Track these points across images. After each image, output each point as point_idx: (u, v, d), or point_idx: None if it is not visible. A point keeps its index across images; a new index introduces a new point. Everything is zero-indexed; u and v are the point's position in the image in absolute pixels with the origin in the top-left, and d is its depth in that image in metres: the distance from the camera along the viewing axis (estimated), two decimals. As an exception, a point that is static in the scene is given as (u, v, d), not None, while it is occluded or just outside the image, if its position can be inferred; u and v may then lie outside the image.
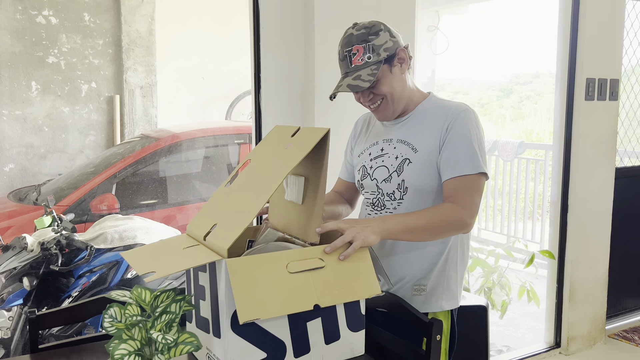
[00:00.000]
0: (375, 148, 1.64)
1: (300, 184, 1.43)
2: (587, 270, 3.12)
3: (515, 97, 11.91)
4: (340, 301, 1.28)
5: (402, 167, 1.55)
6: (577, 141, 2.99)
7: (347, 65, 1.53)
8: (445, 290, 1.61)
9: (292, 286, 1.21)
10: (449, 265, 1.61)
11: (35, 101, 4.73)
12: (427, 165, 1.53)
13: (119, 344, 1.11)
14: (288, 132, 1.43)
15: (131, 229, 2.77)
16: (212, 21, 5.35)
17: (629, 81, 3.50)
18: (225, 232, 1.25)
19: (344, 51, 1.53)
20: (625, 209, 3.35)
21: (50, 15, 4.75)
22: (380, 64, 1.50)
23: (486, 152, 1.56)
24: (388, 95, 1.54)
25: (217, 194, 1.44)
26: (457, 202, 1.47)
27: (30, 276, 2.48)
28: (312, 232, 1.36)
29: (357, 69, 1.50)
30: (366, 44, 1.50)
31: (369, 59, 1.50)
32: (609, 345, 3.25)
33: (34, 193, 3.60)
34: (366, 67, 1.50)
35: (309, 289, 1.22)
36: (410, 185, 1.54)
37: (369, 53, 1.50)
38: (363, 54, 1.50)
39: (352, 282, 1.29)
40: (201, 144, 3.96)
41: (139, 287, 1.19)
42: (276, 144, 1.44)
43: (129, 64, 5.09)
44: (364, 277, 1.31)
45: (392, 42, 1.53)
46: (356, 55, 1.51)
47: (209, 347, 1.28)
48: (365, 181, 1.65)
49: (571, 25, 2.92)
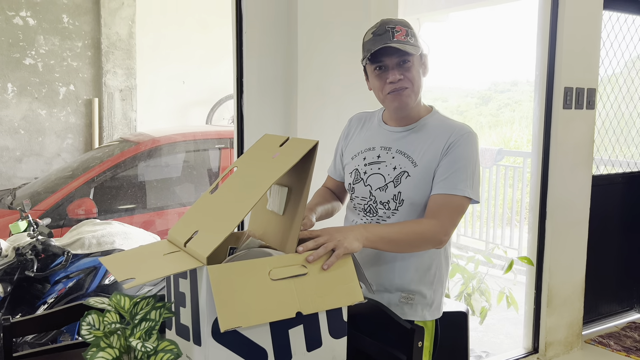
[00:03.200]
0: (372, 154, 1.63)
1: (283, 194, 1.42)
2: (564, 276, 3.17)
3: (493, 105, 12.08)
4: (323, 308, 1.27)
5: (399, 179, 1.55)
6: (555, 148, 3.03)
7: (389, 37, 1.48)
8: (429, 301, 1.62)
9: (274, 293, 1.20)
10: (436, 276, 1.62)
11: (11, 103, 4.65)
12: (424, 180, 1.53)
13: (96, 352, 1.09)
14: (277, 142, 1.42)
15: (109, 234, 2.73)
16: (193, 25, 5.32)
17: (605, 90, 3.57)
18: (207, 239, 1.24)
19: (386, 27, 1.50)
20: (602, 215, 3.41)
21: (28, 17, 4.68)
22: (419, 49, 1.50)
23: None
24: (414, 84, 1.52)
25: (201, 201, 1.43)
26: (437, 219, 1.48)
27: (4, 282, 2.42)
28: (289, 244, 1.34)
29: (400, 42, 1.48)
30: (408, 29, 1.50)
31: (410, 39, 1.49)
32: (585, 350, 3.30)
33: (9, 197, 3.53)
34: (408, 44, 1.48)
35: (291, 296, 1.21)
36: (406, 198, 1.55)
37: (410, 37, 1.50)
38: (405, 34, 1.49)
39: (334, 289, 1.28)
40: (181, 148, 3.93)
41: (118, 294, 1.17)
42: (263, 153, 1.43)
43: (109, 66, 5.03)
44: (347, 283, 1.30)
45: (423, 45, 1.54)
46: (399, 32, 1.48)
47: (189, 354, 1.26)
48: (357, 185, 1.64)
49: (549, 35, 2.97)
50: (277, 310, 1.19)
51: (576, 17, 2.99)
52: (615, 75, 3.59)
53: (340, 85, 2.27)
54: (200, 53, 5.33)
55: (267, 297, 1.19)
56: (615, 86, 3.65)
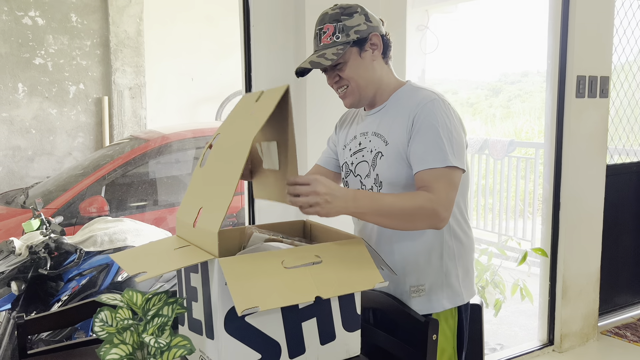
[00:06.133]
0: (354, 143, 1.60)
1: (274, 149, 1.39)
2: (579, 267, 3.13)
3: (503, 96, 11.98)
4: (343, 292, 1.24)
5: (375, 161, 1.52)
6: (568, 138, 2.99)
7: (317, 44, 1.51)
8: (445, 288, 1.55)
9: (290, 280, 1.18)
10: (446, 260, 1.54)
11: (22, 103, 4.67)
12: (397, 158, 1.47)
13: (110, 348, 1.09)
14: (252, 99, 1.39)
15: (121, 231, 2.73)
16: (201, 21, 5.31)
17: (618, 78, 3.51)
18: (212, 215, 1.22)
19: (316, 29, 1.51)
20: (616, 205, 3.37)
21: (36, 16, 4.69)
22: (347, 45, 1.46)
23: (464, 143, 1.47)
24: (352, 81, 1.49)
25: (195, 176, 1.41)
26: (431, 192, 1.38)
27: (18, 280, 2.43)
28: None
29: (325, 47, 1.47)
30: (337, 23, 1.47)
31: (337, 38, 1.47)
32: (601, 342, 3.26)
33: (22, 196, 3.55)
34: (333, 46, 1.46)
35: (308, 282, 1.19)
36: (384, 179, 1.50)
37: (338, 33, 1.47)
38: (332, 33, 1.47)
39: (352, 275, 1.26)
40: (191, 144, 3.93)
41: (130, 290, 1.16)
42: (242, 113, 1.40)
43: (118, 65, 5.04)
44: (364, 269, 1.28)
45: (365, 26, 1.48)
46: (326, 33, 1.48)
47: (202, 349, 1.26)
48: (349, 178, 1.61)
49: (561, 23, 2.93)
50: (295, 294, 1.17)
51: (588, 4, 2.94)
52: (629, 62, 3.53)
53: (350, 77, 2.25)
54: (208, 49, 5.33)
55: (283, 283, 1.17)
56: (629, 74, 3.59)
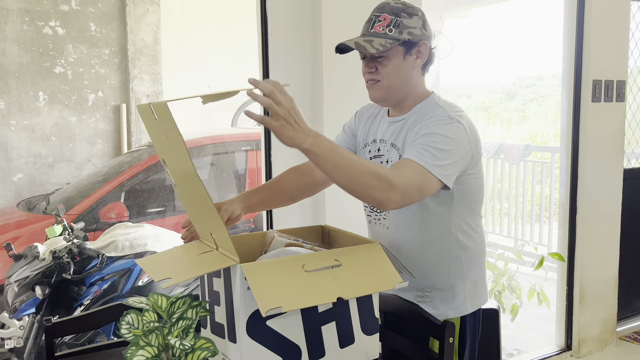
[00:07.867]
0: (374, 147, 1.59)
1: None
2: (597, 271, 3.11)
3: (518, 100, 11.90)
4: (364, 293, 1.27)
5: None
6: (584, 143, 2.98)
7: (367, 28, 1.47)
8: (450, 299, 1.54)
9: (312, 282, 1.20)
10: (453, 273, 1.53)
11: (43, 111, 4.76)
12: None
13: (136, 350, 1.12)
14: (151, 115, 1.26)
15: (142, 237, 2.78)
16: (217, 29, 5.37)
17: (635, 82, 3.50)
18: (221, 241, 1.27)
19: (372, 14, 1.48)
20: (634, 210, 3.34)
21: (57, 26, 4.79)
22: (397, 42, 1.42)
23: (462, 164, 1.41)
24: (387, 78, 1.46)
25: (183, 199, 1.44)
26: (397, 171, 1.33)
27: (42, 285, 2.49)
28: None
29: (374, 35, 1.44)
30: (396, 17, 1.44)
31: (389, 31, 1.43)
32: (620, 347, 3.24)
33: (43, 202, 3.62)
34: (383, 37, 1.43)
35: (329, 284, 1.21)
36: None
37: (392, 26, 1.43)
38: (387, 25, 1.43)
39: (372, 276, 1.29)
40: (209, 151, 3.98)
41: (155, 294, 1.20)
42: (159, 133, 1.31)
43: (135, 72, 5.12)
44: (383, 270, 1.30)
45: (420, 32, 1.45)
46: (381, 22, 1.44)
47: (225, 352, 1.29)
48: None
49: (576, 27, 2.93)
50: (317, 296, 1.19)
51: (603, 8, 2.93)
52: (645, 66, 3.51)
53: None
54: (225, 57, 5.39)
55: (304, 285, 1.20)
56: (645, 77, 3.57)
